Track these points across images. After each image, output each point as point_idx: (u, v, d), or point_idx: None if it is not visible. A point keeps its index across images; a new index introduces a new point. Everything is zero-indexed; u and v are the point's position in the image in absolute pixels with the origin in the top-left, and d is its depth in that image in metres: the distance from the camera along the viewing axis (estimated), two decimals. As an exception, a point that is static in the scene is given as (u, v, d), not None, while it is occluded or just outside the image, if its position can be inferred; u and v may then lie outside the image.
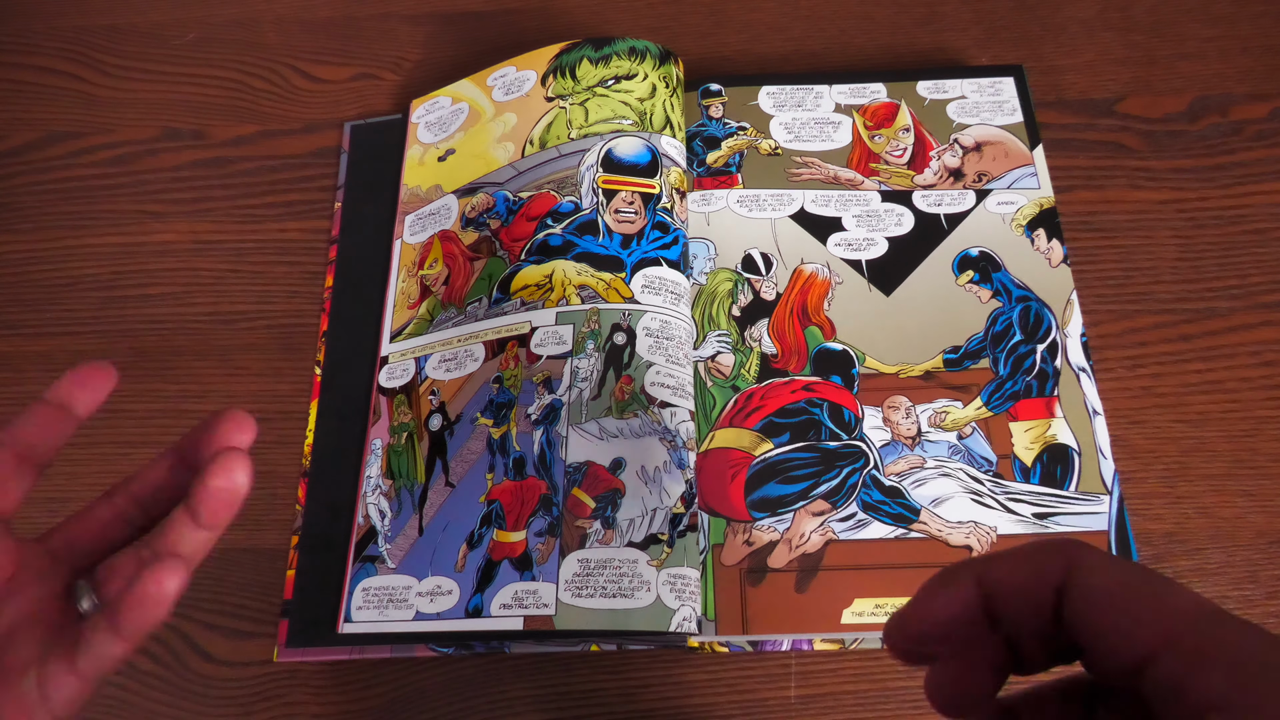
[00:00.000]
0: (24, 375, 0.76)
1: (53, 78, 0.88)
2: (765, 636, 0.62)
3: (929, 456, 0.65)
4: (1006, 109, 0.77)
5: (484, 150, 0.76)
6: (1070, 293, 0.69)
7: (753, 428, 0.67)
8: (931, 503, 0.64)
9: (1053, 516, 0.63)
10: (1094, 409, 0.66)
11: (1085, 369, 0.67)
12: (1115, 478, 0.64)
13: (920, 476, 0.65)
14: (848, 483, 0.65)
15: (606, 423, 0.63)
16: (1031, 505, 0.63)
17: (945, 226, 0.72)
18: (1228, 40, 0.82)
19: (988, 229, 0.72)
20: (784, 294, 0.71)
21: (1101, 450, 0.65)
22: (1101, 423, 0.65)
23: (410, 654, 0.64)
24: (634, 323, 0.66)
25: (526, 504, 0.62)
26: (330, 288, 0.76)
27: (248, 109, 0.85)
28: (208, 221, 0.81)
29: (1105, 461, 0.64)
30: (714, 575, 0.63)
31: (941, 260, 0.71)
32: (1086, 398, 0.66)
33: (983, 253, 0.71)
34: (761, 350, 0.69)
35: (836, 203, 0.74)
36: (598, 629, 0.59)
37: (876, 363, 0.68)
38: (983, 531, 0.62)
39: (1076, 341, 0.68)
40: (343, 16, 0.89)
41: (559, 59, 0.77)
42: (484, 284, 0.71)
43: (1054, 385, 0.67)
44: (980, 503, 0.63)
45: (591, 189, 0.71)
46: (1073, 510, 0.63)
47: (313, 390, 0.73)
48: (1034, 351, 0.67)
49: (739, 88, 0.79)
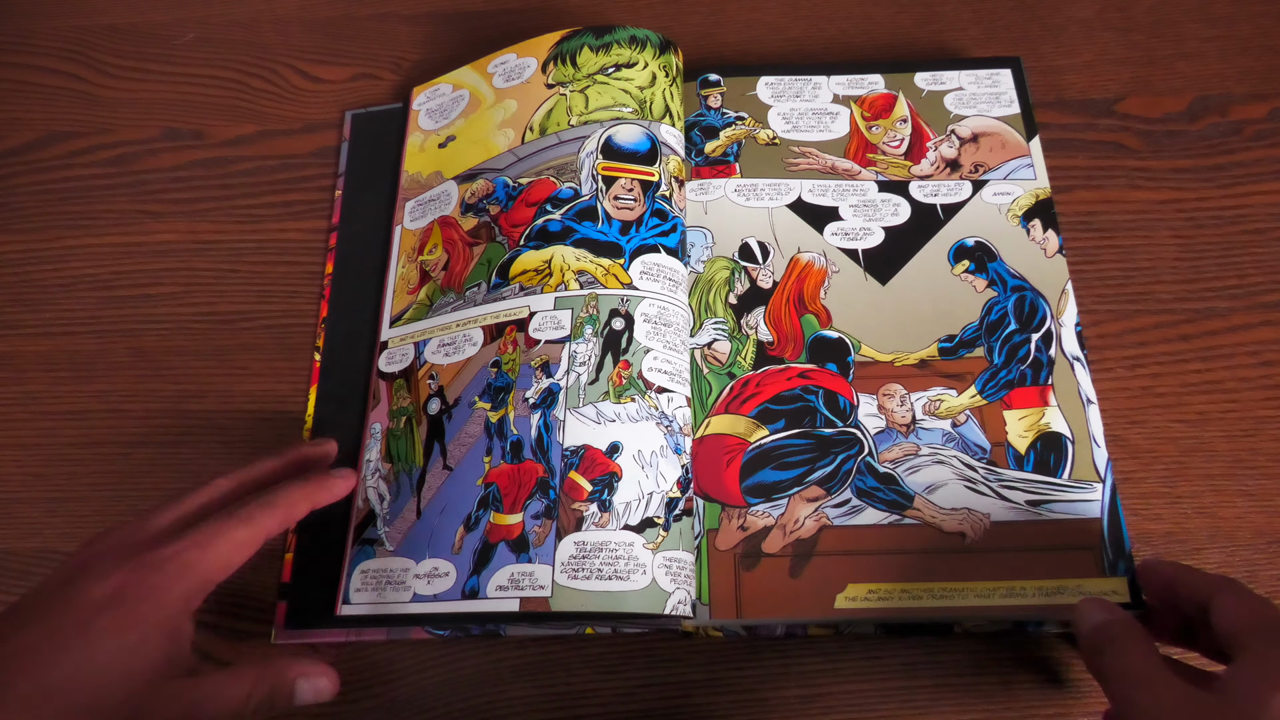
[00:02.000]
0: (24, 375, 0.78)
1: (53, 78, 0.90)
2: (759, 621, 0.63)
3: (923, 444, 0.67)
4: (1004, 100, 0.79)
5: (484, 137, 0.79)
6: (1065, 283, 0.72)
7: (748, 414, 0.69)
8: (925, 490, 0.66)
9: (1046, 504, 0.65)
10: (1088, 398, 0.68)
11: (1079, 358, 0.69)
12: (1109, 465, 0.66)
13: (914, 464, 0.67)
14: (842, 469, 0.67)
15: (604, 407, 0.65)
16: (1025, 493, 0.65)
17: (941, 216, 0.75)
18: (1227, 40, 0.84)
19: (984, 219, 0.74)
20: (780, 282, 0.73)
21: (1095, 439, 0.66)
22: (1095, 411, 0.67)
23: (406, 636, 0.66)
24: (632, 308, 0.68)
25: (523, 487, 0.64)
26: (330, 274, 0.79)
27: (247, 109, 0.87)
28: (207, 221, 0.83)
29: (1099, 450, 0.66)
30: (708, 560, 0.65)
31: (937, 250, 0.74)
32: (1080, 386, 0.68)
33: (978, 242, 0.73)
34: (758, 338, 0.71)
35: (834, 192, 0.76)
36: (593, 611, 0.60)
37: (872, 351, 0.70)
38: (976, 518, 0.65)
39: (1071, 331, 0.70)
40: (342, 16, 0.91)
41: (560, 46, 0.80)
42: (483, 269, 0.73)
43: (1048, 374, 0.69)
44: (974, 490, 0.65)
45: (591, 175, 0.73)
46: (1066, 498, 0.65)
47: (312, 376, 0.75)
48: (1028, 340, 0.69)
49: (737, 78, 0.81)
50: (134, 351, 0.78)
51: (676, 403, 0.67)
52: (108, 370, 0.77)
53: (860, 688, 0.64)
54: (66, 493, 0.74)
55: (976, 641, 0.65)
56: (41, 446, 0.75)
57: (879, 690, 0.64)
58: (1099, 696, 0.63)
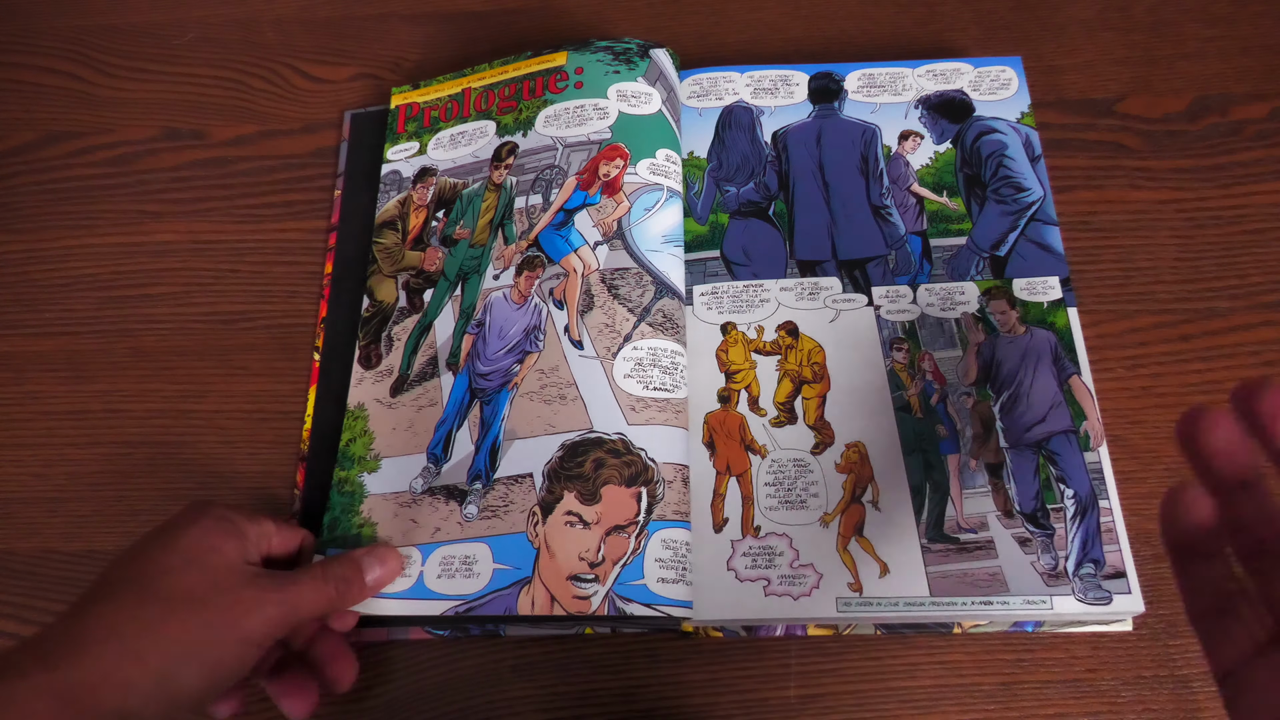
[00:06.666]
0: (24, 375, 0.78)
1: (53, 78, 0.91)
2: (759, 620, 0.64)
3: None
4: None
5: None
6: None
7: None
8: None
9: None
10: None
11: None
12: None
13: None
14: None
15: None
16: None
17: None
18: (1227, 40, 0.84)
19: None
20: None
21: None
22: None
23: (406, 636, 0.66)
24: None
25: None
26: (330, 274, 0.79)
27: (247, 109, 0.88)
28: (207, 221, 0.83)
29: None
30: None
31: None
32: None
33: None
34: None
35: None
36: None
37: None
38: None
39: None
40: (342, 16, 0.92)
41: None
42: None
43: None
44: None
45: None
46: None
47: (312, 376, 0.75)
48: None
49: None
50: (134, 351, 0.78)
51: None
52: (108, 370, 0.78)
53: (860, 688, 0.65)
54: (66, 493, 0.74)
55: (976, 641, 0.65)
56: (41, 446, 0.76)
57: (879, 690, 0.65)
58: (1099, 696, 0.63)
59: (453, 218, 0.76)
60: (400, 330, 0.74)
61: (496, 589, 0.62)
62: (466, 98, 0.81)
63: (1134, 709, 0.63)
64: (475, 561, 0.63)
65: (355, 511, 0.67)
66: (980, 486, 0.66)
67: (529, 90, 0.78)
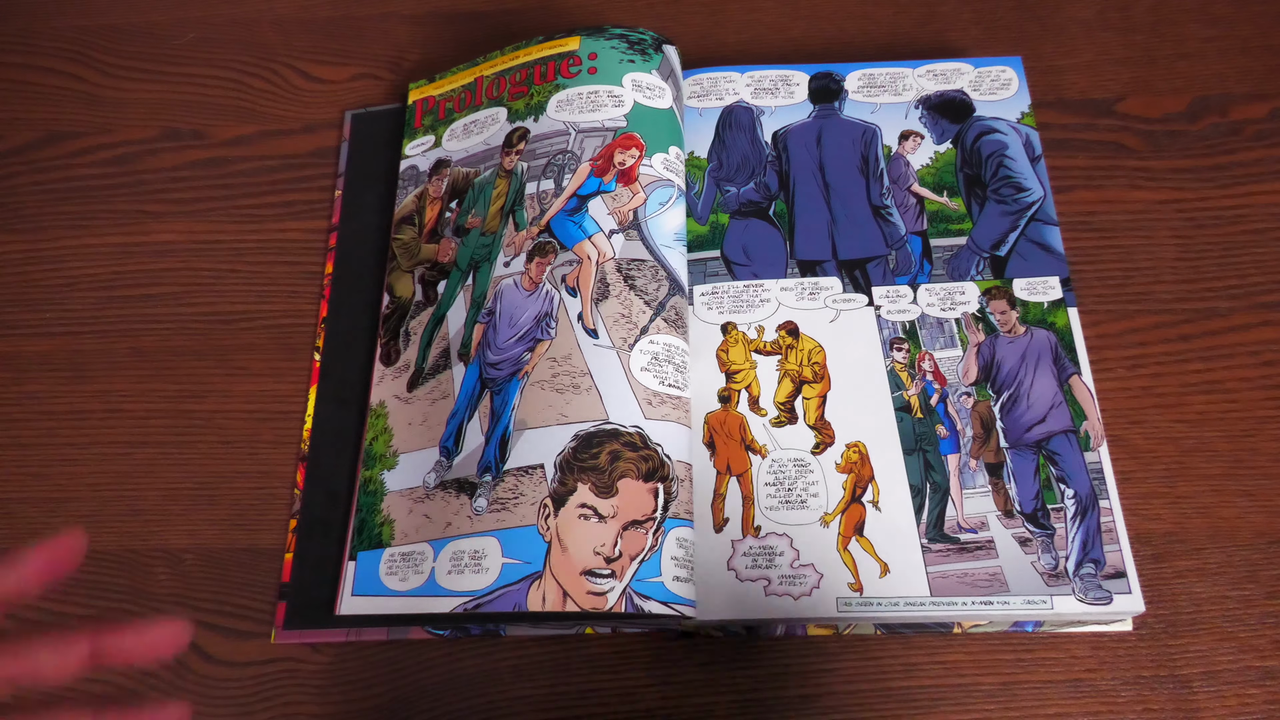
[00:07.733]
0: (24, 375, 0.78)
1: (53, 78, 0.91)
2: (759, 620, 0.64)
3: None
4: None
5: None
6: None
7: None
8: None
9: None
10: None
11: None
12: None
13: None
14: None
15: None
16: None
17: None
18: (1227, 40, 0.84)
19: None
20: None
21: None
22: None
23: (406, 636, 0.66)
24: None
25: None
26: (330, 274, 0.79)
27: (247, 109, 0.88)
28: (207, 221, 0.83)
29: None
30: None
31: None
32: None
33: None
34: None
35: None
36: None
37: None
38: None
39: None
40: (342, 16, 0.92)
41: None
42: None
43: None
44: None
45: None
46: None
47: (312, 376, 0.75)
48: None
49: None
50: (134, 351, 0.78)
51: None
52: (108, 370, 0.78)
53: (860, 688, 0.65)
54: (66, 493, 0.74)
55: (976, 641, 0.65)
56: (41, 446, 0.76)
57: (879, 690, 0.64)
58: (1099, 696, 0.63)
59: (465, 207, 0.76)
60: (416, 324, 0.73)
61: (506, 584, 0.61)
62: (479, 86, 0.80)
63: (1134, 709, 0.63)
64: (484, 556, 0.62)
65: (377, 510, 0.67)
66: (980, 486, 0.66)
67: (540, 75, 0.78)
